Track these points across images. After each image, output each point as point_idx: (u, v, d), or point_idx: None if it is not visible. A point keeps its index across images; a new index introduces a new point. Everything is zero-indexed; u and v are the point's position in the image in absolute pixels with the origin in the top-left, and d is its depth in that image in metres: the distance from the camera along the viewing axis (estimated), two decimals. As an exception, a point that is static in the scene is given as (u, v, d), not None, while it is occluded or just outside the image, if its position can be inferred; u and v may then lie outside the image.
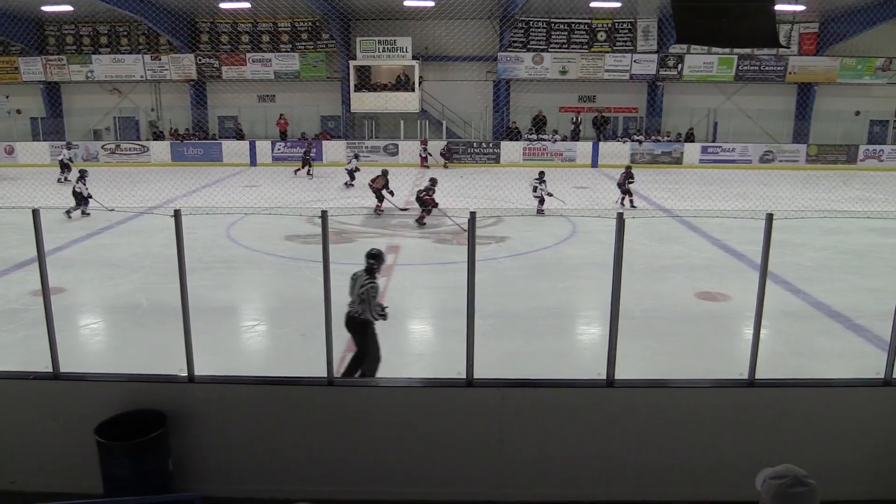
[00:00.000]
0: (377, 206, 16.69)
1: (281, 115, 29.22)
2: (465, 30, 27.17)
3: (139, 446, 4.94)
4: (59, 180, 22.44)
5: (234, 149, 28.06)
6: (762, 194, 16.63)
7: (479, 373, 5.17)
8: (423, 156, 27.00)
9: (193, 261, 5.33)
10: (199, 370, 5.31)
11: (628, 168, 18.23)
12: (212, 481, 5.28)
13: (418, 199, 15.77)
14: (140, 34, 28.65)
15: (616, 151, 26.72)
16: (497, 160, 27.63)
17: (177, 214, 5.03)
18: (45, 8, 25.60)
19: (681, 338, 8.71)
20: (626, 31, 28.16)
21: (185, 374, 5.28)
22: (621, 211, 5.37)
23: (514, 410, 5.18)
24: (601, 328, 8.67)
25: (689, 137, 28.45)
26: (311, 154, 25.25)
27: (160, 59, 28.52)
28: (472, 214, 4.98)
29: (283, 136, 29.02)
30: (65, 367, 5.39)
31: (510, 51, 28.10)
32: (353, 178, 21.33)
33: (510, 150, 27.19)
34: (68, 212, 15.91)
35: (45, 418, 5.42)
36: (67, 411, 5.36)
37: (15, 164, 27.39)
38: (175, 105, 29.64)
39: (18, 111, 29.90)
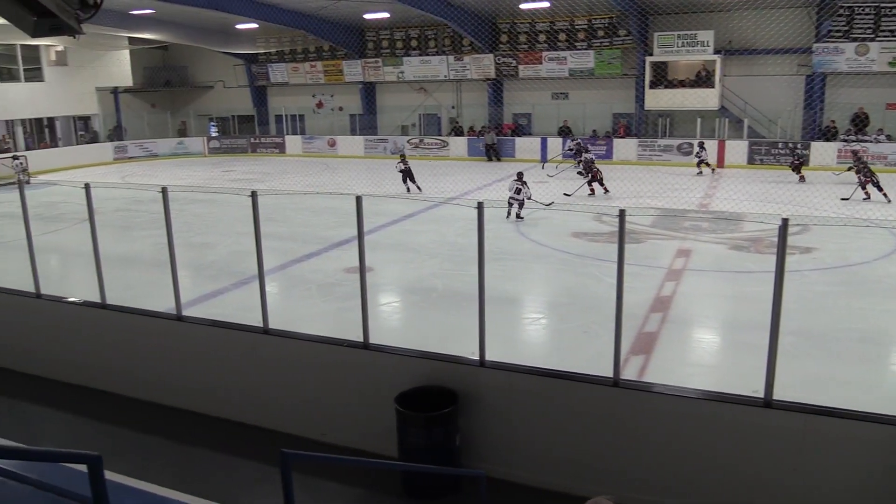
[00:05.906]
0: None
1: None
2: (775, 20, 25.01)
3: (433, 419, 5.31)
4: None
5: (524, 145, 28.94)
6: None
7: (777, 394, 4.74)
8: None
9: (485, 251, 5.59)
10: (487, 356, 5.56)
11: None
12: (493, 462, 5.50)
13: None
14: (446, 37, 30.76)
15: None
16: (805, 162, 25.06)
17: (480, 207, 5.29)
18: (367, 16, 28.65)
19: None
20: (984, 13, 23.89)
21: (475, 356, 5.55)
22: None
23: (817, 441, 4.67)
24: (930, 360, 7.50)
25: None
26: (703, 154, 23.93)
27: (462, 60, 30.35)
28: (785, 221, 4.56)
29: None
30: (371, 339, 5.98)
31: (828, 41, 25.30)
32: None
33: (821, 151, 24.46)
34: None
35: (354, 383, 6.07)
36: (373, 379, 5.94)
37: (336, 155, 31.28)
38: (473, 103, 31.38)
39: (340, 108, 33.99)
